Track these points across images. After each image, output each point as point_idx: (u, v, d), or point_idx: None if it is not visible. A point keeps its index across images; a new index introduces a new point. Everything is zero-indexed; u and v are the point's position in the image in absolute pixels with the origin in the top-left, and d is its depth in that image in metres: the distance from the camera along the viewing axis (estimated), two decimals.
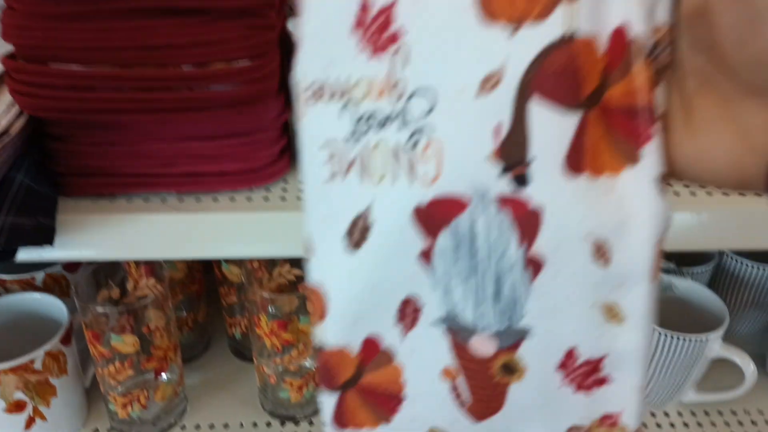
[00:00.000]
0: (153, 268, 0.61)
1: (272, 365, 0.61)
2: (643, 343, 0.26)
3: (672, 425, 0.65)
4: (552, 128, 0.23)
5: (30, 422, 0.57)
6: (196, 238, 0.47)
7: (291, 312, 0.58)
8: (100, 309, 0.55)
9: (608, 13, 0.22)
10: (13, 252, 0.40)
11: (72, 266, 0.65)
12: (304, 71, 0.26)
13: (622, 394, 0.27)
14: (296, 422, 0.65)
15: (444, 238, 0.25)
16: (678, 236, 0.48)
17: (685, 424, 0.65)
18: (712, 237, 0.48)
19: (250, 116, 0.44)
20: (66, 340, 0.57)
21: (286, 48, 0.45)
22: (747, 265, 0.69)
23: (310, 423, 0.65)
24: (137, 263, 0.61)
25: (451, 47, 0.23)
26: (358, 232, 0.26)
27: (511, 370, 0.28)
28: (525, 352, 0.27)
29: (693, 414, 0.66)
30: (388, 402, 0.30)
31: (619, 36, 0.22)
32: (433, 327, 0.28)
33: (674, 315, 0.64)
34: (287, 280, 0.64)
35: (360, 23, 0.25)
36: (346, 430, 0.31)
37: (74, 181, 0.46)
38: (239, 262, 0.65)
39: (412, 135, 0.25)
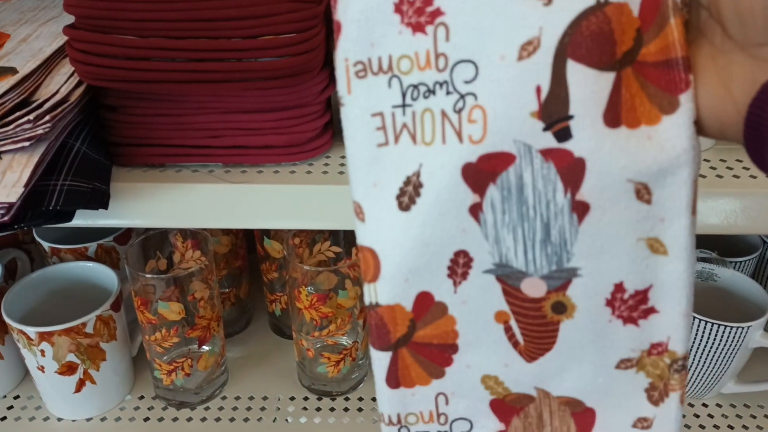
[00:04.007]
0: (198, 241, 0.63)
1: (311, 339, 0.63)
2: (687, 272, 0.27)
3: (710, 416, 0.64)
4: (589, 87, 0.25)
5: (80, 385, 0.60)
6: (240, 208, 0.49)
7: (330, 288, 0.59)
8: (148, 277, 0.57)
9: None
10: (70, 214, 0.42)
11: (122, 238, 0.68)
12: (347, 52, 0.28)
13: (669, 322, 0.29)
14: (333, 398, 0.66)
15: (493, 192, 0.27)
16: (720, 221, 0.47)
17: (724, 416, 0.64)
18: (755, 222, 0.48)
19: (295, 90, 0.46)
20: (116, 307, 0.60)
21: (330, 23, 0.46)
22: None
23: (346, 399, 0.66)
24: (184, 237, 0.63)
25: (488, 21, 0.26)
26: (409, 193, 0.28)
27: (562, 308, 0.29)
28: (574, 291, 0.28)
29: (732, 406, 0.65)
30: (441, 354, 0.31)
31: None
32: (484, 276, 0.29)
33: (716, 304, 0.63)
34: (327, 257, 0.65)
35: (401, 3, 0.27)
36: (399, 390, 0.32)
37: (127, 151, 0.48)
38: (281, 239, 0.66)
39: (457, 101, 0.27)
